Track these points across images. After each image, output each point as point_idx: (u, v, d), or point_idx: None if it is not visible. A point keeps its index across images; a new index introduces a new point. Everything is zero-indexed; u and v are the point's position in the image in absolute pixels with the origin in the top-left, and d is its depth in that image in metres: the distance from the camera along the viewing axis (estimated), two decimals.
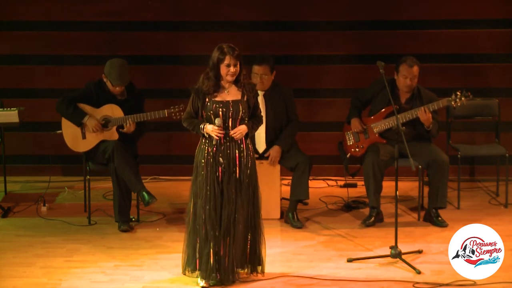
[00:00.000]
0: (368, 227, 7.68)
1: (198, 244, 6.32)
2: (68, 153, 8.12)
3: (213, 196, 6.25)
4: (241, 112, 6.31)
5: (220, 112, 6.28)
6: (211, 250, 6.26)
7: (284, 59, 9.05)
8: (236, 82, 6.34)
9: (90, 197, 7.98)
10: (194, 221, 6.33)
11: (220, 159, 6.29)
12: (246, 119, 6.38)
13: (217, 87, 6.33)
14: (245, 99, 6.34)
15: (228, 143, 6.31)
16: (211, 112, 6.29)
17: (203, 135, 6.34)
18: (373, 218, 7.74)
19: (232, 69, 6.26)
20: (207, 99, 6.31)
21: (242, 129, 6.32)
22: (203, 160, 6.31)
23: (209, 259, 6.27)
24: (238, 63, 6.28)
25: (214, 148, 6.29)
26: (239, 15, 9.13)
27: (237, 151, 6.32)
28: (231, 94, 6.34)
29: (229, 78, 6.29)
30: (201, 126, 6.33)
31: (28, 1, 9.14)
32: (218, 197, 6.26)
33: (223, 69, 6.27)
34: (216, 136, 6.26)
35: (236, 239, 6.28)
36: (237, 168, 6.31)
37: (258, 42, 9.07)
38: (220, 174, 6.29)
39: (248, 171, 6.34)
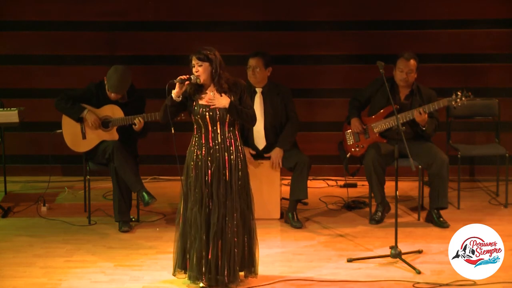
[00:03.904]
0: (378, 223, 7.71)
1: (188, 245, 6.26)
2: (68, 153, 8.12)
3: (199, 198, 6.20)
4: (228, 116, 6.22)
5: (207, 116, 6.22)
6: (196, 253, 6.19)
7: (284, 59, 9.05)
8: (215, 84, 6.22)
9: (90, 197, 7.98)
10: (184, 222, 6.28)
11: (209, 163, 6.25)
12: (236, 122, 6.28)
13: (200, 89, 6.26)
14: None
15: (217, 146, 6.24)
16: (198, 116, 6.25)
17: (173, 100, 6.22)
18: (379, 213, 7.74)
19: (194, 69, 6.22)
20: (194, 103, 6.27)
21: (220, 98, 6.14)
22: (192, 162, 6.26)
23: (197, 261, 6.20)
24: (208, 65, 6.17)
25: (204, 151, 6.25)
26: (239, 15, 9.13)
27: (226, 154, 6.24)
28: (217, 97, 6.24)
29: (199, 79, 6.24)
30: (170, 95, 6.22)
31: (28, 1, 9.14)
32: (205, 200, 6.19)
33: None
34: (180, 78, 6.16)
35: (230, 242, 6.19)
36: (227, 171, 6.24)
37: (258, 42, 9.06)
38: (209, 177, 6.24)
39: (240, 173, 6.27)
